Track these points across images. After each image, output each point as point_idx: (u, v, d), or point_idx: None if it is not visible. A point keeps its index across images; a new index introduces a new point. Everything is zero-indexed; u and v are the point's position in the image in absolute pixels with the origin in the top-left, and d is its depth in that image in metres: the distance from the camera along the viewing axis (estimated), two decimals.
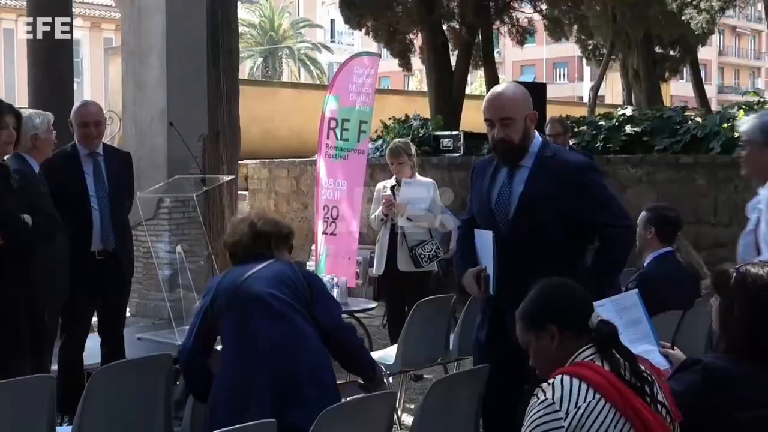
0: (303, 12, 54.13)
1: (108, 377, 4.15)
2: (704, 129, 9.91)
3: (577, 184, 3.88)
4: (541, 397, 2.85)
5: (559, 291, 3.20)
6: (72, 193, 5.62)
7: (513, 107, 3.96)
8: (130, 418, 4.13)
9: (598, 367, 2.87)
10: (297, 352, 3.71)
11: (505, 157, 4.02)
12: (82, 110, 5.89)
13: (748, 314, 3.15)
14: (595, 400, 2.79)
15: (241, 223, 4.00)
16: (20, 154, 5.11)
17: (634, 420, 2.81)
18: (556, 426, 2.77)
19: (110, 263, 5.78)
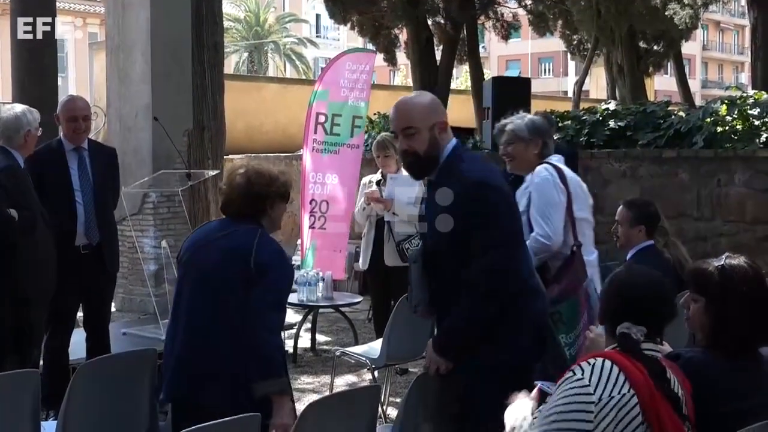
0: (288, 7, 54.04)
1: (93, 372, 4.14)
2: (687, 124, 9.92)
3: (466, 206, 3.53)
4: (577, 374, 2.83)
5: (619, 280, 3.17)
6: (57, 187, 5.64)
7: (415, 116, 3.66)
8: (115, 412, 4.13)
9: (640, 366, 2.83)
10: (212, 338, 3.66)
11: (411, 170, 3.83)
12: (70, 104, 5.90)
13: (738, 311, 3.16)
14: (629, 395, 2.78)
15: (238, 176, 3.85)
16: (6, 149, 5.10)
17: (656, 427, 2.78)
18: (586, 409, 2.75)
19: (95, 258, 5.78)
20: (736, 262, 3.23)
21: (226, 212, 3.90)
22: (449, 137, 3.72)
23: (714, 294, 3.19)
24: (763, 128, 9.38)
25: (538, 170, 4.78)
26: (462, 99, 21.51)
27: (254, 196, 3.81)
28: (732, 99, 10.15)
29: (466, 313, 3.57)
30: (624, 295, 3.03)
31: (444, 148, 3.68)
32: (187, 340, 3.71)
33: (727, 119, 9.67)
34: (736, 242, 8.65)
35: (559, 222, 4.57)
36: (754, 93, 10.50)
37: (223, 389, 3.58)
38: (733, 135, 9.49)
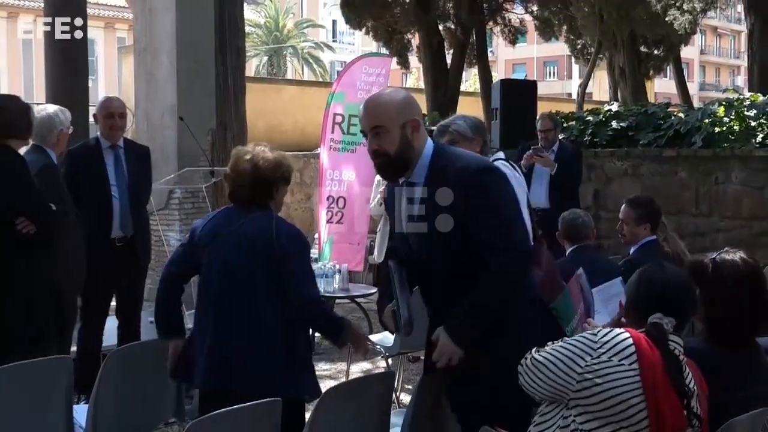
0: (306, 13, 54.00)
1: (122, 358, 4.15)
2: (686, 124, 9.90)
3: (470, 194, 3.18)
4: (595, 331, 2.92)
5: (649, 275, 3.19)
6: (94, 182, 5.71)
7: (383, 115, 3.26)
8: (143, 396, 4.14)
9: (656, 351, 2.85)
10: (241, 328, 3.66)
11: (383, 172, 3.41)
12: (107, 103, 5.96)
13: (729, 302, 3.16)
14: (629, 368, 2.80)
15: (244, 162, 3.79)
16: (41, 147, 5.13)
17: (651, 406, 2.78)
18: (582, 355, 2.83)
19: (129, 250, 5.82)
20: (729, 257, 3.24)
21: (235, 199, 3.85)
22: (424, 137, 3.34)
23: (706, 286, 3.20)
24: (759, 129, 9.35)
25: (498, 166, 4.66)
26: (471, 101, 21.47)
27: (262, 182, 3.77)
28: (729, 101, 10.13)
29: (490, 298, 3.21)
30: (658, 289, 3.05)
31: (419, 148, 3.29)
32: (218, 330, 3.69)
33: (725, 120, 9.64)
34: (733, 238, 8.62)
35: (526, 216, 4.46)
36: (751, 95, 10.46)
37: (252, 377, 3.56)
38: (730, 135, 9.46)
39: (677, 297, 3.03)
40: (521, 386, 2.99)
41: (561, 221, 5.58)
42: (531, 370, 2.94)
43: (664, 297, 3.01)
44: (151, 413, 4.27)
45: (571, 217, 5.55)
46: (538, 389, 2.93)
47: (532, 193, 8.13)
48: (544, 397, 2.95)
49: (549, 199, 8.00)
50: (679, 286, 3.08)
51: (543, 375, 2.89)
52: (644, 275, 3.15)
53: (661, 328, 2.92)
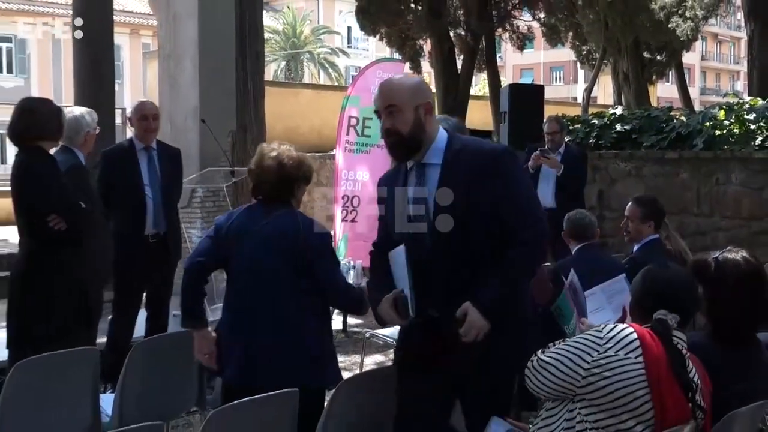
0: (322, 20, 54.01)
1: (148, 349, 4.17)
2: (688, 127, 9.87)
3: (488, 173, 3.12)
4: (601, 327, 2.92)
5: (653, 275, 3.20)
6: (128, 182, 5.76)
7: (398, 94, 3.19)
8: (166, 386, 4.16)
9: (659, 345, 2.85)
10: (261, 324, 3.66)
11: (394, 151, 3.27)
12: (141, 106, 6.00)
13: (731, 300, 3.15)
14: (635, 362, 2.81)
15: (270, 159, 3.80)
16: (69, 148, 5.15)
17: (656, 397, 2.78)
18: (589, 351, 2.83)
19: (160, 246, 5.86)
20: (731, 256, 3.23)
21: (258, 193, 3.85)
22: (436, 122, 3.31)
23: (709, 283, 3.19)
24: (758, 132, 9.31)
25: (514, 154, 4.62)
26: (480, 104, 21.46)
27: (285, 179, 3.78)
28: (730, 105, 10.10)
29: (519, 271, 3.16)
30: (662, 287, 3.06)
31: (431, 132, 3.24)
32: (243, 327, 3.70)
33: (725, 123, 9.61)
34: (733, 237, 8.59)
35: None
36: (750, 99, 10.42)
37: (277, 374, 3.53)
38: (730, 138, 9.43)
39: (681, 295, 3.04)
40: (528, 387, 2.99)
41: (566, 221, 5.56)
42: (538, 371, 2.93)
43: (668, 295, 3.01)
44: (174, 402, 4.28)
45: (577, 217, 5.53)
46: (545, 389, 2.92)
47: (539, 194, 8.13)
48: (551, 396, 2.94)
49: (555, 199, 7.98)
50: (682, 285, 3.08)
51: (550, 374, 2.88)
52: (648, 274, 3.15)
53: (666, 324, 2.92)
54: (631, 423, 2.81)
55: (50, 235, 4.61)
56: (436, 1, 18.32)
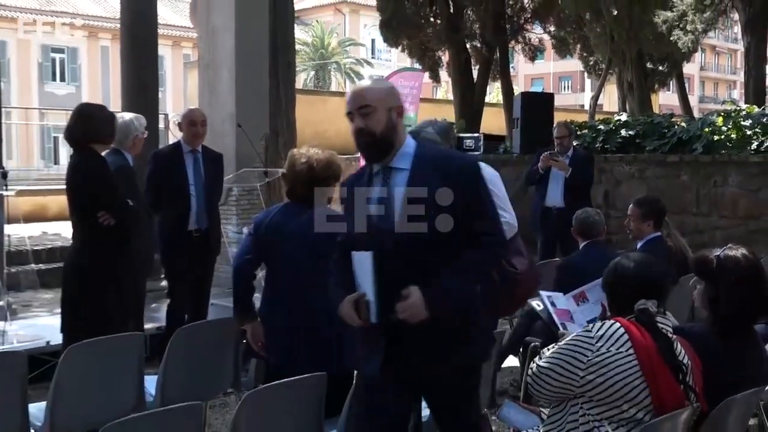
0: (348, 33, 54.04)
1: (188, 336, 4.19)
2: (688, 133, 9.83)
3: (457, 184, 2.88)
4: (591, 327, 2.91)
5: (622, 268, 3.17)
6: (175, 181, 5.80)
7: (373, 95, 2.97)
8: (205, 369, 4.18)
9: (646, 334, 2.85)
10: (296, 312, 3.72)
11: (367, 152, 3.02)
12: (190, 113, 6.08)
13: (731, 295, 3.13)
14: (626, 353, 2.80)
15: (301, 164, 3.83)
16: (119, 150, 5.19)
17: (651, 384, 2.78)
18: (583, 352, 2.83)
19: (203, 240, 5.90)
20: (732, 253, 3.21)
21: (292, 196, 3.89)
22: (404, 128, 3.09)
23: (710, 279, 3.18)
24: (754, 137, 9.26)
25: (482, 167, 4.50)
26: (494, 111, 21.39)
27: (315, 182, 3.79)
28: (727, 112, 10.05)
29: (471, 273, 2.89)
30: (634, 278, 3.05)
31: (401, 136, 3.02)
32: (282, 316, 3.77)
33: (723, 129, 9.56)
34: (730, 235, 8.54)
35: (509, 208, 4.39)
36: (747, 107, 10.36)
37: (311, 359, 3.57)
38: (728, 143, 9.38)
39: (653, 281, 3.04)
40: (531, 394, 2.99)
41: (575, 219, 5.55)
42: (540, 378, 2.92)
43: (641, 283, 3.01)
44: (212, 384, 4.30)
45: (584, 216, 5.52)
46: (547, 393, 2.92)
47: (549, 194, 8.13)
48: (553, 399, 2.94)
49: (564, 199, 7.96)
50: (652, 271, 3.08)
51: (550, 379, 2.88)
52: (618, 270, 3.15)
53: (648, 312, 2.91)
54: (632, 411, 2.80)
55: (100, 230, 4.65)
56: (454, 16, 18.30)
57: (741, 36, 19.00)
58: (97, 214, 4.62)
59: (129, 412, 3.51)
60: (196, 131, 5.92)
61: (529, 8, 20.49)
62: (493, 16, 18.29)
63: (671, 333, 2.94)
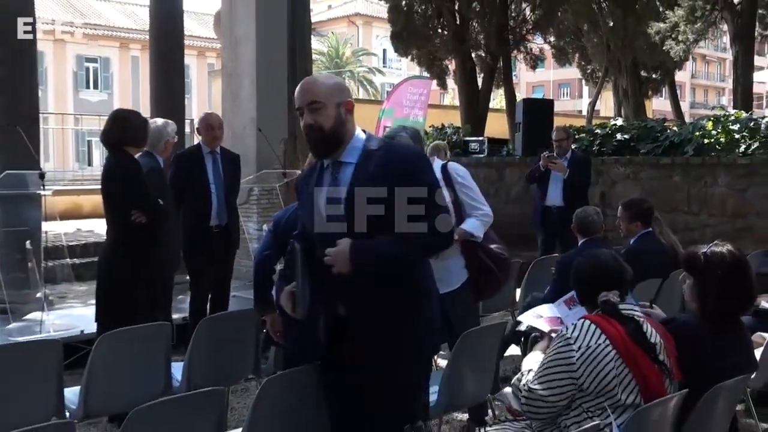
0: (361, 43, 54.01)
1: (211, 325, 4.20)
2: (680, 136, 9.79)
3: (401, 175, 2.69)
4: (564, 333, 2.89)
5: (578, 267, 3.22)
6: (196, 181, 5.82)
7: (321, 91, 2.80)
8: (227, 357, 4.19)
9: (614, 323, 2.87)
10: None
11: (316, 147, 2.85)
12: (208, 117, 6.10)
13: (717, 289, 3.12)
14: (603, 344, 2.81)
15: None
16: (151, 153, 5.22)
17: (633, 368, 2.80)
18: (568, 355, 2.81)
19: (223, 236, 5.92)
20: (718, 249, 3.20)
21: None
22: (354, 123, 2.89)
23: (699, 274, 3.17)
24: (741, 141, 9.22)
25: (455, 166, 4.48)
26: (498, 116, 21.33)
27: None
28: (717, 117, 10.01)
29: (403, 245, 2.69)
30: (591, 274, 3.10)
31: (351, 131, 2.84)
32: None
33: (713, 133, 9.52)
34: (719, 232, 8.51)
35: None
36: (735, 112, 10.32)
37: None
38: (717, 146, 9.35)
39: (611, 274, 3.05)
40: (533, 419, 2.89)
41: (575, 218, 5.53)
42: (540, 401, 2.85)
43: (600, 278, 3.03)
44: (234, 370, 4.31)
45: (583, 215, 5.50)
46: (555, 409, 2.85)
47: (549, 194, 8.11)
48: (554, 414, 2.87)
49: (564, 198, 7.94)
50: (606, 263, 3.10)
51: (552, 397, 2.83)
52: (577, 269, 3.21)
53: (610, 302, 2.93)
54: (623, 396, 2.80)
55: (132, 227, 4.67)
56: (460, 28, 18.27)
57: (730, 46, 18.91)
58: (129, 212, 4.65)
59: (157, 396, 3.53)
60: (214, 134, 5.93)
61: (531, 20, 20.42)
62: (496, 28, 18.24)
63: (638, 315, 2.96)
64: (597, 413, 2.80)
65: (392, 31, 19.46)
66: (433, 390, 3.64)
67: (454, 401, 3.82)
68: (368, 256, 2.66)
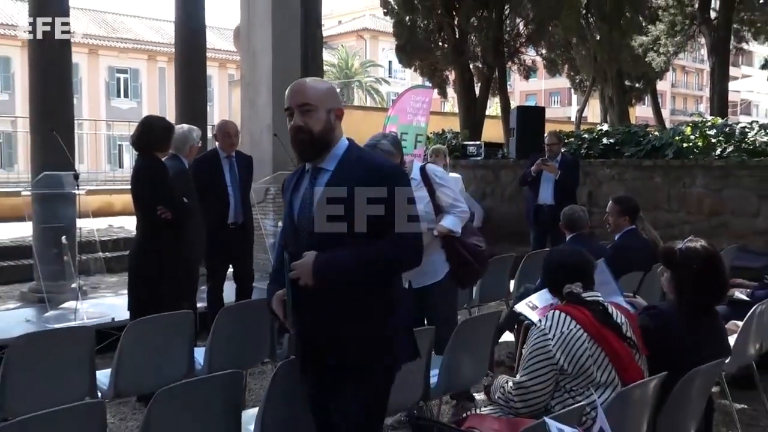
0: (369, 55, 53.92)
1: (231, 313, 4.21)
2: (661, 141, 9.74)
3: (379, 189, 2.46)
4: (539, 325, 2.90)
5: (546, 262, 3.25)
6: (215, 182, 5.85)
7: (314, 94, 2.58)
8: (246, 342, 4.19)
9: (582, 309, 2.89)
10: None
11: (303, 149, 2.60)
12: (225, 125, 6.14)
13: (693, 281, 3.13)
14: (575, 329, 2.82)
15: None
16: (177, 156, 5.24)
17: (606, 347, 2.81)
18: (546, 344, 2.83)
19: (240, 232, 5.94)
20: (692, 245, 3.21)
21: None
22: (342, 130, 2.67)
23: (676, 268, 3.17)
24: (718, 144, 9.18)
25: (431, 167, 4.50)
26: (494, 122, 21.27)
27: None
28: (695, 123, 9.96)
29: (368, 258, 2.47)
30: (557, 269, 3.14)
31: (337, 138, 2.62)
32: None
33: (691, 138, 9.47)
34: (696, 229, 8.48)
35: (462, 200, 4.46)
36: (711, 118, 10.27)
37: None
38: (695, 149, 9.31)
39: (575, 267, 3.07)
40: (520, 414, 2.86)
41: (563, 215, 5.53)
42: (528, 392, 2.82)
43: (564, 272, 3.06)
44: (251, 354, 4.32)
45: (571, 212, 5.50)
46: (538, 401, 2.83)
47: (541, 193, 8.12)
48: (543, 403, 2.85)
49: (554, 197, 7.94)
50: (570, 259, 3.12)
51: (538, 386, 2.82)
52: (546, 264, 3.24)
53: (573, 293, 2.96)
54: (599, 374, 2.81)
55: (159, 224, 4.69)
56: (459, 41, 18.23)
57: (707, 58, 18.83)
58: (156, 209, 4.67)
59: (180, 378, 3.54)
60: (231, 141, 5.97)
61: (524, 34, 20.35)
62: (492, 41, 18.20)
63: (601, 300, 2.97)
64: (579, 392, 2.80)
65: (397, 45, 19.42)
66: (433, 373, 3.65)
67: (453, 383, 3.82)
68: (331, 270, 2.45)
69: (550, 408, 2.85)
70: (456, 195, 4.39)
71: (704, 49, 23.81)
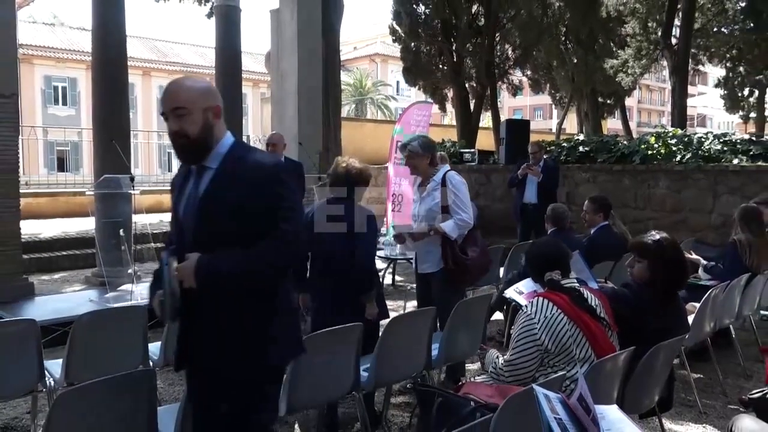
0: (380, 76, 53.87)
1: None
2: (629, 149, 9.70)
3: (258, 186, 2.08)
4: (524, 311, 2.87)
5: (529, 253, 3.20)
6: None
7: (186, 97, 2.13)
8: None
9: (561, 294, 2.86)
10: None
11: (183, 153, 2.17)
12: (270, 137, 6.38)
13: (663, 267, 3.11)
14: (556, 313, 2.79)
15: (341, 167, 3.73)
16: None
17: (583, 328, 2.78)
18: (531, 327, 2.79)
19: None
20: (658, 237, 3.20)
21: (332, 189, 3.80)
22: (224, 127, 2.23)
23: (652, 258, 3.15)
24: (678, 152, 9.13)
25: (452, 174, 4.23)
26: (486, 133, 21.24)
27: (350, 182, 3.72)
28: (658, 133, 9.90)
29: (249, 261, 2.06)
30: (537, 258, 3.08)
31: (219, 135, 2.19)
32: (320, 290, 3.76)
33: (655, 146, 9.42)
34: (659, 224, 8.45)
35: (471, 209, 4.22)
36: (672, 130, 10.20)
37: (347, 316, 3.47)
38: (658, 156, 9.26)
39: (552, 257, 3.01)
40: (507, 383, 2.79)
41: (549, 211, 5.52)
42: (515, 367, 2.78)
43: (544, 262, 3.01)
44: None
45: (556, 210, 5.48)
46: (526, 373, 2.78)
47: (526, 193, 8.08)
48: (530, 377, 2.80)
49: (537, 197, 7.91)
50: (548, 249, 3.06)
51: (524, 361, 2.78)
52: (528, 255, 3.20)
53: (553, 280, 2.92)
54: (577, 351, 2.78)
55: None
56: (456, 64, 18.24)
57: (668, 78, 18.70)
58: None
59: None
60: (274, 149, 6.24)
61: (512, 58, 20.31)
62: (485, 64, 18.17)
63: (577, 285, 2.93)
64: (561, 367, 2.78)
65: (404, 67, 19.44)
66: (434, 347, 3.64)
67: (451, 355, 3.80)
68: (212, 272, 2.04)
69: (535, 380, 2.83)
70: (463, 204, 4.14)
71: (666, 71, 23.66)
